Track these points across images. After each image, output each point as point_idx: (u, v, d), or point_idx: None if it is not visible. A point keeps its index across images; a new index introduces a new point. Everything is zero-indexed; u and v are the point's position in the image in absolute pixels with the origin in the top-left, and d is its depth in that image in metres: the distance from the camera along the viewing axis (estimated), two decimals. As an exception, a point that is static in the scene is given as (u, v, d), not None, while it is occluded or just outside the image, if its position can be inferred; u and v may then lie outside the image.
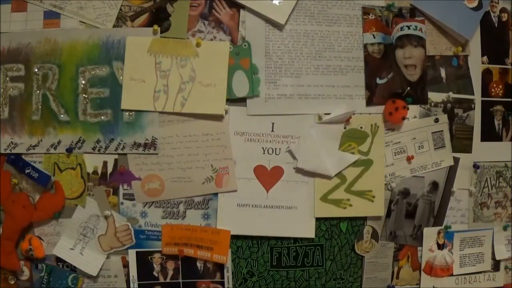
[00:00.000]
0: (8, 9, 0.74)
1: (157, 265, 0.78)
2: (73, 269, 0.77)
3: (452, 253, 0.85)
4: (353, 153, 0.80)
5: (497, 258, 0.88)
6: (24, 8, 0.74)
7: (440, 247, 0.85)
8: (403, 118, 0.79)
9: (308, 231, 0.80)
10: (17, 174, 0.75)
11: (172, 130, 0.75)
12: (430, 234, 0.84)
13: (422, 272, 0.85)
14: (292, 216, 0.79)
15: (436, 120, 0.81)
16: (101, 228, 0.77)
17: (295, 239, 0.80)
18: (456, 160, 0.83)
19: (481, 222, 0.86)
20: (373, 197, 0.80)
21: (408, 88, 0.79)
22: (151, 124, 0.75)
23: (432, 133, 0.82)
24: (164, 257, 0.78)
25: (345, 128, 0.79)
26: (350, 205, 0.80)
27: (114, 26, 0.74)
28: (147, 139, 0.75)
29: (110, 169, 0.76)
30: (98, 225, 0.76)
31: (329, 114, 0.78)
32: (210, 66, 0.75)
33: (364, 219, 0.81)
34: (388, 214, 0.81)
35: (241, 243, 0.79)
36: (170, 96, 0.74)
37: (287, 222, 0.79)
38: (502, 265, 0.88)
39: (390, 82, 0.79)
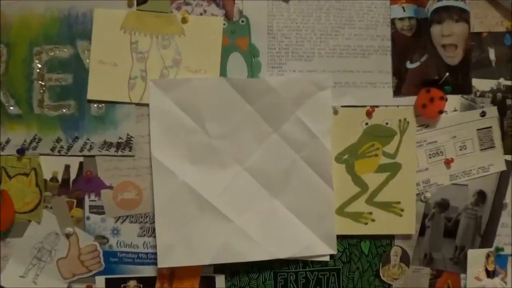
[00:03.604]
0: None
1: (133, 295, 0.73)
2: (25, 302, 0.71)
3: (506, 282, 0.78)
4: (376, 155, 0.73)
5: (561, 286, 0.81)
6: (-38, -27, 0.68)
7: (490, 274, 0.78)
8: (440, 112, 0.73)
9: (321, 251, 0.76)
10: (-49, 181, 0.69)
11: (152, 126, 0.70)
12: (476, 257, 0.77)
13: (467, 306, 0.79)
14: (301, 233, 0.75)
15: (483, 114, 0.76)
16: (61, 250, 0.70)
17: (305, 262, 0.75)
18: (509, 164, 0.77)
19: (541, 243, 0.80)
20: (402, 210, 0.74)
21: (447, 73, 0.74)
22: (125, 118, 0.69)
23: (478, 130, 0.76)
24: (141, 286, 0.72)
25: (366, 124, 0.72)
26: (373, 220, 0.74)
27: (78, -5, 0.68)
28: (120, 138, 0.70)
29: (73, 175, 0.70)
30: (57, 246, 0.70)
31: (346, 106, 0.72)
32: (199, 48, 0.70)
33: (391, 237, 0.76)
34: (421, 232, 0.76)
35: (238, 267, 0.72)
36: (150, 84, 0.72)
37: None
38: None
39: (424, 67, 0.74)
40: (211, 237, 0.69)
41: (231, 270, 0.72)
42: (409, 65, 0.74)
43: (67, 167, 0.69)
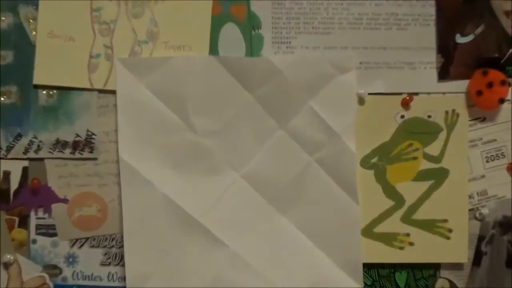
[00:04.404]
0: None
1: None
2: None
3: None
4: (415, 158, 0.64)
5: None
6: None
7: None
8: (501, 101, 0.64)
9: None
10: None
11: (120, 120, 0.68)
12: (551, 295, 0.67)
13: None
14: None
15: (560, 104, 0.67)
16: (-3, 284, 0.61)
17: (322, 299, 0.68)
18: None
19: None
20: (450, 231, 0.65)
21: (511, 50, 0.65)
22: (85, 110, 0.62)
23: (551, 125, 0.67)
24: (105, 331, 0.63)
25: (402, 117, 0.65)
26: (411, 244, 0.65)
27: None
28: (78, 135, 0.62)
29: (15, 184, 0.62)
30: (-7, 279, 0.61)
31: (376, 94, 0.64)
32: (183, 17, 0.63)
33: (436, 267, 0.67)
34: (476, 260, 0.67)
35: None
36: (117, 65, 0.69)
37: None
38: None
39: (480, 41, 0.65)
40: (199, 266, 0.63)
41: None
42: (460, 39, 0.65)
43: (6, 174, 0.62)
